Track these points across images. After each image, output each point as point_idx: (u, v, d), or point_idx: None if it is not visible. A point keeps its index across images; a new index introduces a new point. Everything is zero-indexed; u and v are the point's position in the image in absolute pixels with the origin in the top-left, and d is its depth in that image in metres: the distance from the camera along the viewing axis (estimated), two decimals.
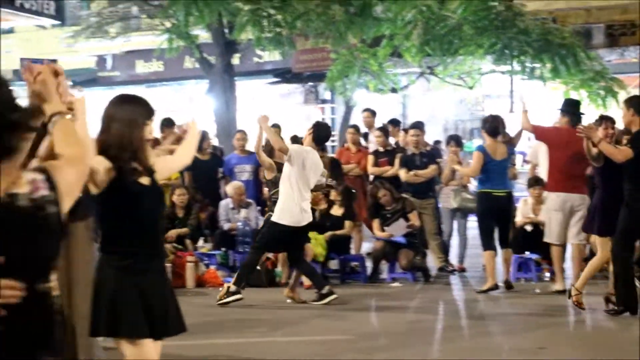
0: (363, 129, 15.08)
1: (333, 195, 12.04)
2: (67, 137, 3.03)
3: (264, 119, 10.18)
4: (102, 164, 4.59)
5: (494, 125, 10.96)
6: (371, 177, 13.27)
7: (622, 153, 8.97)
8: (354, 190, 12.44)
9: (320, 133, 10.41)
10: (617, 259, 9.03)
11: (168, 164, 5.27)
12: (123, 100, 4.85)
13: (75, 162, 3.01)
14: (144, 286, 4.68)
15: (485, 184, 10.93)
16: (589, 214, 9.74)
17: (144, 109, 4.83)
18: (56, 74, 3.17)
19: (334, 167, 12.38)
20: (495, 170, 10.82)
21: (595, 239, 9.77)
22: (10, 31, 26.77)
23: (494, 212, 10.85)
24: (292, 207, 9.78)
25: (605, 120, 9.61)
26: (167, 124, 12.50)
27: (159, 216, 4.94)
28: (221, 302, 9.81)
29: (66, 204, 2.92)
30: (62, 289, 4.37)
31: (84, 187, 3.62)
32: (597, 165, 9.29)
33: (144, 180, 4.74)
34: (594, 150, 9.17)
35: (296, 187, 9.82)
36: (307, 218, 10.01)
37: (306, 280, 11.09)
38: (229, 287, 9.92)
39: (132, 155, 4.70)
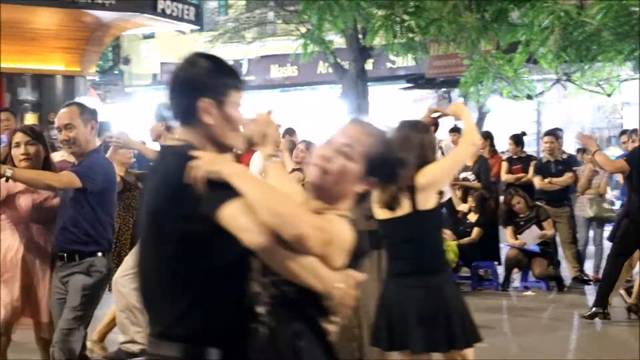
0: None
1: (469, 201, 11.92)
2: (281, 179, 3.32)
3: None
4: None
5: None
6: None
7: (614, 165, 9.22)
8: (487, 197, 12.23)
9: None
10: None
11: None
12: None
13: None
14: None
15: None
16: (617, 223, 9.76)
17: None
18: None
19: (481, 165, 12.18)
20: None
21: None
22: (151, 36, 27.66)
23: None
24: None
25: (633, 133, 9.46)
26: (289, 132, 12.00)
27: None
28: None
29: None
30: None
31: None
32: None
33: None
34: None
35: None
36: None
37: None
38: None
39: None
